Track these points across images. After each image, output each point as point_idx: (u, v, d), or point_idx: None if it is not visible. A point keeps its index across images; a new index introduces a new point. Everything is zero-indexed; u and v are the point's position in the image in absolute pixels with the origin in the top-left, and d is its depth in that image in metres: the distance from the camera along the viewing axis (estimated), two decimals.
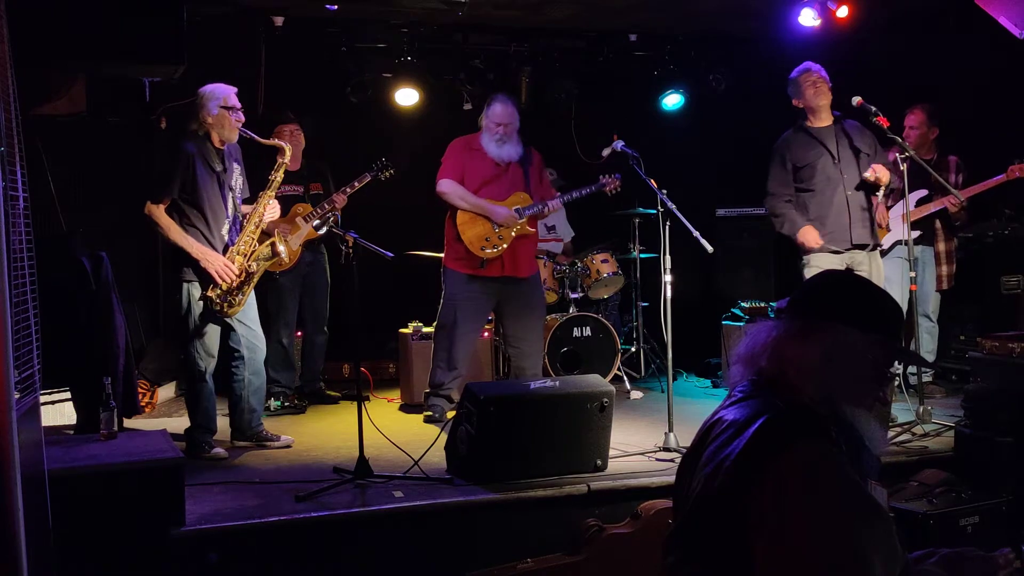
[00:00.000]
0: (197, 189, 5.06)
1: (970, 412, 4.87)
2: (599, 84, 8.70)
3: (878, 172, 5.69)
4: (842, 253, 5.72)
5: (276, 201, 5.46)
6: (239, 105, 5.22)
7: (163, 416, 6.42)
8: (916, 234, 6.18)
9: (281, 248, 5.34)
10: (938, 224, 6.65)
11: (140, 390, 5.99)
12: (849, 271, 2.39)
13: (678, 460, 2.38)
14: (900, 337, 2.21)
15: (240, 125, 5.22)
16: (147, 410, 6.38)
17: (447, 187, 6.05)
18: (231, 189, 5.28)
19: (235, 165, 5.34)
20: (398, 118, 8.13)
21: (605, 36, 8.29)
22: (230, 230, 5.25)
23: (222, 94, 5.16)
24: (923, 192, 6.48)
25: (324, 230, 5.13)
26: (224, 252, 5.16)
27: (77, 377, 5.08)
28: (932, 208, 6.47)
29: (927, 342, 6.49)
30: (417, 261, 6.80)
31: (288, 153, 5.41)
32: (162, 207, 5.01)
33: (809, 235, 5.72)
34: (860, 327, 2.09)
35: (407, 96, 8.02)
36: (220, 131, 5.18)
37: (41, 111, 6.06)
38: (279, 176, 5.38)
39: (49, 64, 5.59)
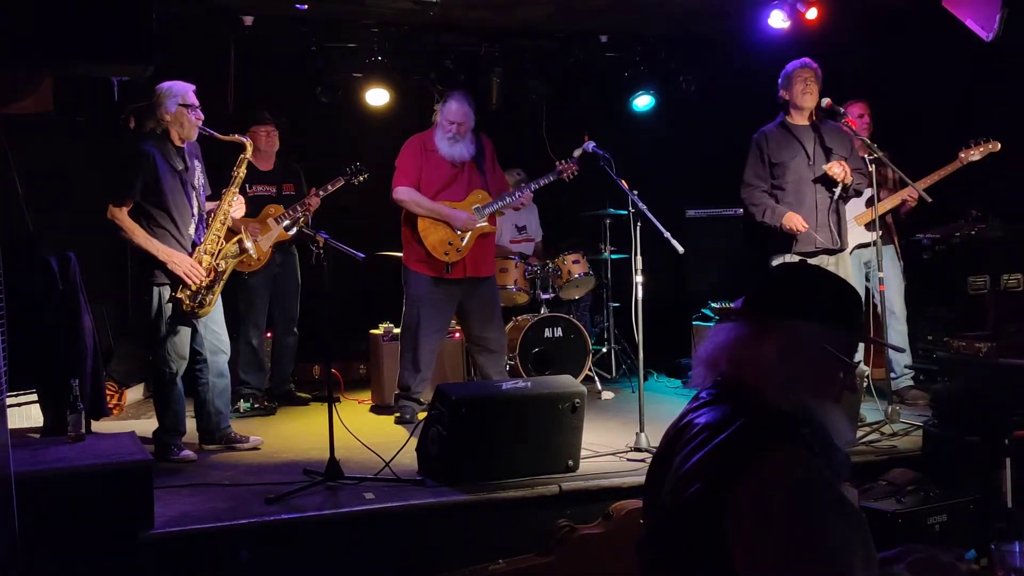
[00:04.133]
0: (161, 190, 5.00)
1: (938, 411, 4.89)
2: (570, 85, 8.73)
3: (835, 168, 5.55)
4: (813, 258, 5.59)
5: (241, 197, 5.41)
6: (197, 103, 5.15)
7: (131, 418, 6.37)
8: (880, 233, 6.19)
9: (248, 244, 5.30)
10: (890, 219, 6.65)
11: (108, 392, 5.93)
12: (803, 263, 2.37)
13: (649, 460, 2.37)
14: (861, 324, 2.17)
15: (200, 123, 5.15)
16: (115, 412, 6.32)
17: (404, 195, 5.99)
18: (194, 188, 5.23)
19: (196, 163, 5.28)
20: (369, 118, 8.10)
21: (576, 37, 8.31)
22: (196, 229, 5.21)
23: (180, 91, 5.09)
24: (871, 191, 6.46)
25: (294, 231, 5.11)
26: (192, 251, 5.12)
27: (44, 379, 5.02)
28: (889, 205, 6.42)
29: (899, 340, 6.51)
30: (388, 262, 6.77)
31: (250, 148, 5.35)
32: (125, 210, 4.95)
33: (794, 219, 5.58)
34: (821, 320, 2.06)
35: (378, 96, 8.01)
36: (179, 129, 5.12)
37: (7, 110, 5.99)
38: (242, 171, 5.33)
39: (15, 63, 5.52)
